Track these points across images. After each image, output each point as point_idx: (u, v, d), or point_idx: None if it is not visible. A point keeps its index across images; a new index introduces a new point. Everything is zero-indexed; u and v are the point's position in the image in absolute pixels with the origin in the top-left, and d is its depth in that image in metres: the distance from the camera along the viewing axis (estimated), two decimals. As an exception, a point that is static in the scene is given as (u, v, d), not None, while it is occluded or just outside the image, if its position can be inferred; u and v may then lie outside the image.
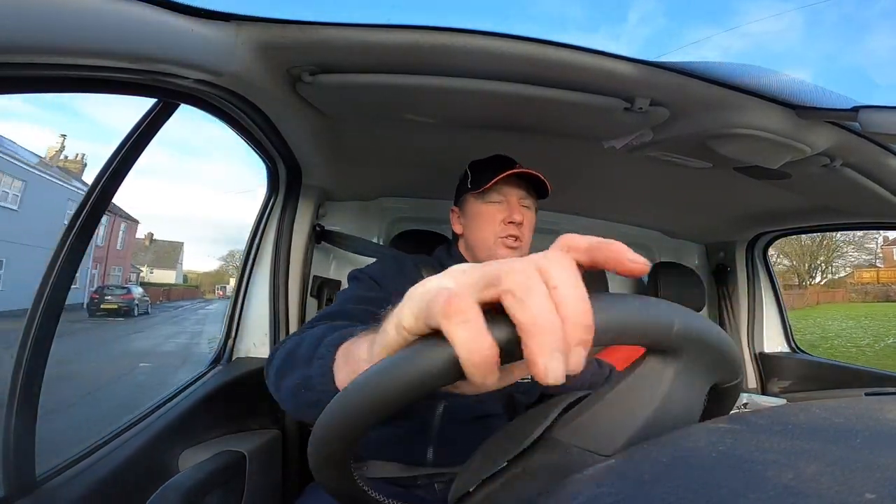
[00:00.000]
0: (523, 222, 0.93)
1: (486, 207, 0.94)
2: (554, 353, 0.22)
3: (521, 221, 0.92)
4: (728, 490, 0.19)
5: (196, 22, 0.60)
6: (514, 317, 0.23)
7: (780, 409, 0.29)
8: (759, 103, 0.78)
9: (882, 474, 0.19)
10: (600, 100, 0.80)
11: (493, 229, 0.92)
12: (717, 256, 1.93)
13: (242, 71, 0.71)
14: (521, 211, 0.94)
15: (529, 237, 0.96)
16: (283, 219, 1.28)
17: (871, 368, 1.46)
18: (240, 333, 1.22)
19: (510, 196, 0.94)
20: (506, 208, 0.93)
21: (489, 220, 0.93)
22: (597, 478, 0.22)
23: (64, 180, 15.87)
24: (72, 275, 0.67)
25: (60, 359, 5.52)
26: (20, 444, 0.60)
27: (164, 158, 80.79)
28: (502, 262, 0.26)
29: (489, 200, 0.94)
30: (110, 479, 0.68)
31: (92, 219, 0.69)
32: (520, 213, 0.93)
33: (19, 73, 0.47)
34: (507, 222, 0.92)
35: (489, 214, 0.93)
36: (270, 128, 0.95)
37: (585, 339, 0.23)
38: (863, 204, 1.21)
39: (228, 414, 1.00)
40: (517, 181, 0.94)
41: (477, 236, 0.95)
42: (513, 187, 0.94)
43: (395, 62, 0.73)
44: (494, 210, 0.93)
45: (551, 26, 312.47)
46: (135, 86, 0.63)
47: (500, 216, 0.92)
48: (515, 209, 0.93)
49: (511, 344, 0.23)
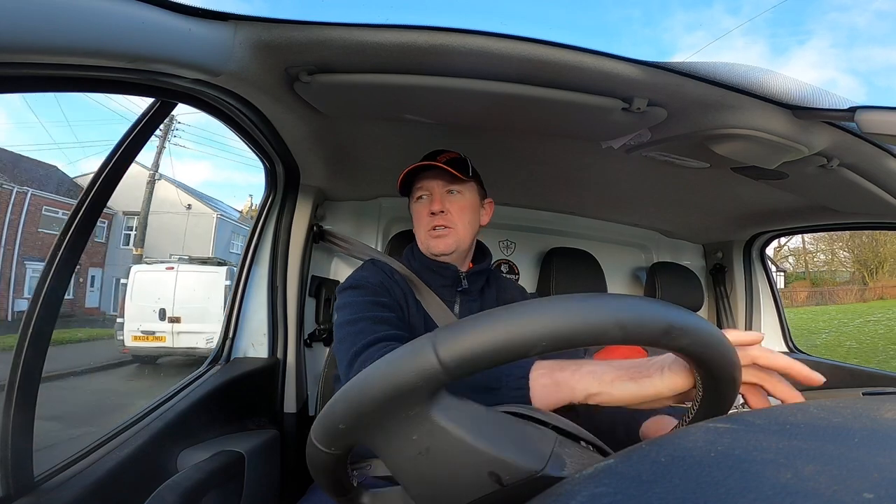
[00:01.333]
0: (445, 210, 0.94)
1: (415, 205, 0.98)
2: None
3: (441, 210, 0.94)
4: (726, 489, 0.19)
5: (194, 22, 0.60)
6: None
7: (778, 408, 0.30)
8: (757, 104, 0.78)
9: (880, 474, 0.19)
10: (598, 100, 0.80)
11: (423, 224, 0.96)
12: (715, 256, 1.94)
13: (240, 71, 0.71)
14: (444, 199, 0.95)
15: (462, 220, 0.96)
16: (281, 218, 1.28)
17: (869, 368, 1.46)
18: (238, 333, 1.22)
19: (433, 188, 0.96)
20: (428, 201, 0.96)
21: (419, 218, 0.97)
22: (596, 477, 0.22)
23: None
24: (69, 275, 0.66)
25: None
26: (18, 445, 0.59)
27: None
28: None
29: (416, 198, 0.98)
30: (108, 480, 0.68)
31: (90, 218, 0.69)
32: (440, 202, 0.94)
33: (18, 73, 0.47)
34: (430, 214, 0.94)
35: (418, 212, 0.98)
36: (268, 127, 0.95)
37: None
38: (860, 204, 1.22)
39: (227, 414, 1.00)
40: (436, 172, 0.95)
41: (417, 234, 0.99)
42: (433, 179, 0.95)
43: (393, 62, 0.73)
44: (421, 206, 0.97)
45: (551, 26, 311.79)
46: (133, 85, 0.63)
47: (426, 210, 0.96)
48: (436, 200, 0.94)
49: None
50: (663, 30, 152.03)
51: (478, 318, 0.31)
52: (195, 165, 40.39)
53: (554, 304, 0.30)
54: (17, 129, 26.40)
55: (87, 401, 6.04)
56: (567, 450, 0.36)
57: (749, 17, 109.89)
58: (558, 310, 0.30)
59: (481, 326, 0.30)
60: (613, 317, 0.30)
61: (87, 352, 8.67)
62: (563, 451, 0.36)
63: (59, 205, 13.36)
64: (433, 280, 0.97)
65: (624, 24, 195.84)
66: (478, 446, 0.33)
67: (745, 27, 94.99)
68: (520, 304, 0.30)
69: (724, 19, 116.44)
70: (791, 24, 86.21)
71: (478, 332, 0.30)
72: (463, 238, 0.96)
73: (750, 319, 1.83)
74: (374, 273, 0.92)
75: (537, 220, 1.77)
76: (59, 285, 0.65)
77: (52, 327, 0.64)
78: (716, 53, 61.91)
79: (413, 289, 0.94)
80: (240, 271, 1.26)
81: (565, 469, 0.34)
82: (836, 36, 65.77)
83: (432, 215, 0.94)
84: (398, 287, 0.92)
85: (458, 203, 0.96)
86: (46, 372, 0.63)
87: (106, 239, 15.24)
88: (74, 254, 0.67)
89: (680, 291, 1.73)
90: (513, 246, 1.80)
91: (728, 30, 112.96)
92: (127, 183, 2.99)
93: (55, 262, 0.65)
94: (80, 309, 13.80)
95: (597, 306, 0.30)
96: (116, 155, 0.71)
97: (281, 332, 1.26)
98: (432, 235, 0.95)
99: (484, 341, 0.29)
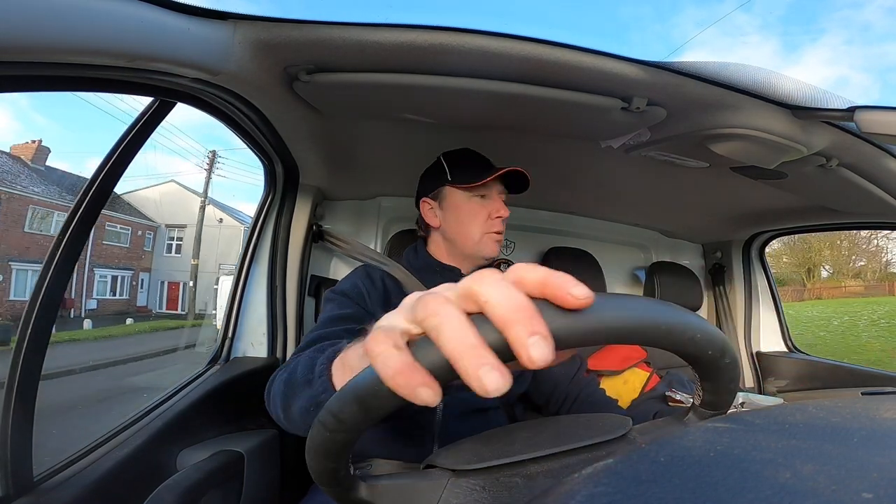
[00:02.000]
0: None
1: (473, 202, 0.94)
2: (481, 369, 0.24)
3: (506, 217, 0.94)
4: (725, 489, 0.19)
5: (193, 21, 0.60)
6: (439, 348, 0.25)
7: (777, 408, 0.29)
8: (756, 103, 0.78)
9: (879, 473, 0.19)
10: (598, 99, 0.80)
11: (482, 224, 0.93)
12: (714, 256, 1.94)
13: (239, 70, 0.71)
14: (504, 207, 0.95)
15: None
16: (281, 218, 1.27)
17: (868, 368, 1.47)
18: (237, 333, 1.22)
19: (493, 191, 0.95)
20: (491, 203, 0.94)
21: (475, 216, 0.94)
22: (595, 477, 0.22)
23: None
24: (69, 273, 0.66)
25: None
26: (17, 445, 0.59)
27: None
28: (420, 299, 0.28)
29: (477, 195, 0.94)
30: (108, 479, 0.68)
31: (89, 217, 0.69)
32: (505, 208, 0.94)
33: (16, 73, 0.47)
34: (495, 217, 0.93)
35: (475, 210, 0.94)
36: (267, 127, 0.95)
37: (536, 331, 0.24)
38: (859, 204, 1.22)
39: (226, 414, 1.00)
40: (498, 178, 0.95)
41: (461, 230, 0.95)
42: (496, 182, 0.95)
43: (393, 61, 0.73)
44: (479, 204, 0.94)
45: (551, 26, 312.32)
46: (132, 84, 0.62)
47: (484, 210, 0.93)
48: (501, 204, 0.94)
49: (443, 367, 0.25)
50: (672, 26, 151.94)
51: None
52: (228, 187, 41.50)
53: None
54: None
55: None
56: (456, 490, 0.37)
57: (762, 14, 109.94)
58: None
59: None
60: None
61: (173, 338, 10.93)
62: (451, 493, 0.37)
63: (118, 221, 16.83)
64: (433, 280, 0.97)
65: (633, 22, 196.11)
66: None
67: (758, 24, 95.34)
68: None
69: (736, 16, 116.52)
70: (804, 23, 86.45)
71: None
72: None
73: (749, 319, 1.83)
74: (350, 283, 0.92)
75: (536, 219, 1.77)
76: (58, 285, 0.64)
77: (51, 327, 0.64)
78: (728, 50, 62.41)
79: (408, 291, 0.94)
80: (239, 271, 1.26)
81: None
82: (849, 33, 65.86)
83: (497, 219, 0.93)
84: (382, 294, 0.92)
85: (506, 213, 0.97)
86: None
87: (152, 248, 18.26)
88: (74, 253, 0.67)
89: (679, 291, 1.73)
90: (512, 245, 1.80)
91: (740, 27, 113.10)
92: (168, 199, 3.23)
93: (54, 261, 0.64)
94: (133, 307, 16.91)
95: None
96: (115, 154, 0.71)
97: (280, 332, 1.26)
98: (494, 239, 0.94)
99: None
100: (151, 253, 18.10)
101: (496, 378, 0.24)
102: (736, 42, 74.98)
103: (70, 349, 9.28)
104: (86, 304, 14.97)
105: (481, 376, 0.24)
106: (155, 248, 18.23)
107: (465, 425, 0.86)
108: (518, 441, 0.41)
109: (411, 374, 0.25)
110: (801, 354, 1.76)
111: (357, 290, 0.90)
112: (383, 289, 0.93)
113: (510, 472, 0.37)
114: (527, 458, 0.38)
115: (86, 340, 10.53)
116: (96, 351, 9.30)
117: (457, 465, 0.38)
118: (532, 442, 0.40)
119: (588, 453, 0.39)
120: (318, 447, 0.33)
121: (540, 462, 0.38)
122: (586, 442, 0.40)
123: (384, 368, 0.26)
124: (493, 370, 0.24)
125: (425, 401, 0.25)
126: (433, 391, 0.25)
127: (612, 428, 0.42)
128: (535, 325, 0.24)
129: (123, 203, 17.31)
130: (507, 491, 0.36)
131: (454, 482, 0.37)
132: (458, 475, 0.38)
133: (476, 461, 0.38)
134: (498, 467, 0.38)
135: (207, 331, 10.37)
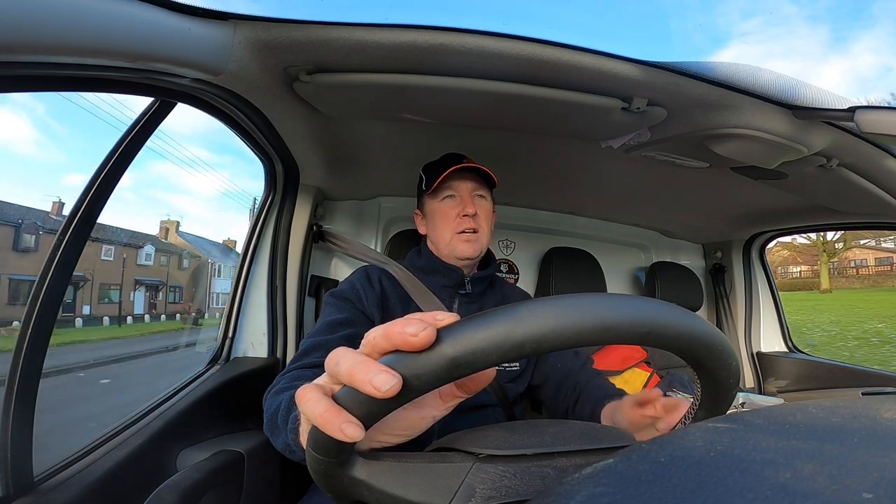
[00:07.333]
0: (477, 213, 0.95)
1: (440, 205, 0.97)
2: (370, 374, 0.28)
3: (475, 213, 0.94)
4: (725, 489, 0.19)
5: (194, 21, 0.60)
6: (344, 376, 0.30)
7: (778, 408, 0.29)
8: (756, 103, 0.78)
9: (879, 474, 0.19)
10: (598, 100, 0.80)
11: (450, 225, 0.95)
12: (715, 256, 1.94)
13: (240, 70, 0.71)
14: (475, 202, 0.95)
15: (487, 227, 0.98)
16: (281, 218, 1.28)
17: (868, 368, 1.47)
18: (238, 333, 1.22)
19: (461, 191, 0.96)
20: (458, 203, 0.95)
21: (444, 217, 0.96)
22: (595, 477, 0.22)
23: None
24: (68, 275, 0.66)
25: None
26: (17, 445, 0.59)
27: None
28: (328, 358, 0.33)
29: (442, 197, 0.96)
30: (108, 479, 0.68)
31: (88, 218, 0.69)
32: (472, 205, 0.94)
33: (16, 73, 0.47)
34: (462, 216, 0.94)
35: (444, 211, 0.96)
36: (268, 127, 0.95)
37: (374, 371, 0.28)
38: (859, 204, 1.22)
39: (226, 414, 1.00)
40: (467, 174, 0.96)
41: (437, 235, 0.97)
42: (464, 181, 0.96)
43: (393, 61, 0.73)
44: (448, 206, 0.96)
45: (551, 26, 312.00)
46: (132, 85, 0.63)
47: (454, 211, 0.95)
48: (468, 202, 0.95)
49: (358, 401, 0.30)
50: (719, 14, 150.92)
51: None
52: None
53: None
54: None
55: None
56: (482, 475, 0.36)
57: (809, 3, 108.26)
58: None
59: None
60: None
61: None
62: (477, 478, 0.36)
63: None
64: (434, 281, 0.97)
65: (675, 11, 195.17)
66: (395, 494, 0.35)
67: (806, 14, 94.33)
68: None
69: (784, 6, 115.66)
70: (853, 12, 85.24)
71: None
72: (485, 244, 0.97)
73: (749, 319, 1.83)
74: (348, 286, 0.93)
75: (537, 219, 1.77)
76: (58, 286, 0.65)
77: (51, 327, 0.64)
78: (774, 40, 61.79)
79: (408, 292, 0.95)
80: (239, 271, 1.26)
81: (474, 496, 0.35)
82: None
83: (464, 217, 0.93)
84: (379, 295, 0.92)
85: (484, 208, 0.97)
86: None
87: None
88: (73, 254, 0.67)
89: (679, 291, 1.73)
90: (512, 245, 1.80)
91: (787, 16, 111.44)
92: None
93: (55, 261, 0.65)
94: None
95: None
96: (115, 155, 0.71)
97: (280, 332, 1.26)
98: (463, 238, 0.94)
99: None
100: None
101: (386, 378, 0.28)
102: (783, 32, 74.46)
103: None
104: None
105: (371, 379, 0.28)
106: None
107: (465, 422, 0.86)
108: (547, 434, 0.40)
109: (335, 414, 0.30)
110: (801, 355, 1.76)
111: (354, 292, 0.91)
112: (380, 290, 0.93)
113: (541, 463, 0.37)
114: (558, 451, 0.38)
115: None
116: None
117: (484, 449, 0.38)
118: (562, 437, 0.40)
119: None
120: (317, 475, 0.36)
121: (570, 457, 0.38)
122: (619, 443, 0.39)
123: (312, 414, 0.31)
124: (381, 373, 0.28)
125: (350, 436, 0.29)
126: (356, 426, 0.29)
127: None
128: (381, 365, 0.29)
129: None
130: (541, 480, 0.35)
131: (479, 467, 0.36)
132: (482, 460, 0.37)
133: (507, 447, 0.37)
134: (528, 456, 0.37)
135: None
